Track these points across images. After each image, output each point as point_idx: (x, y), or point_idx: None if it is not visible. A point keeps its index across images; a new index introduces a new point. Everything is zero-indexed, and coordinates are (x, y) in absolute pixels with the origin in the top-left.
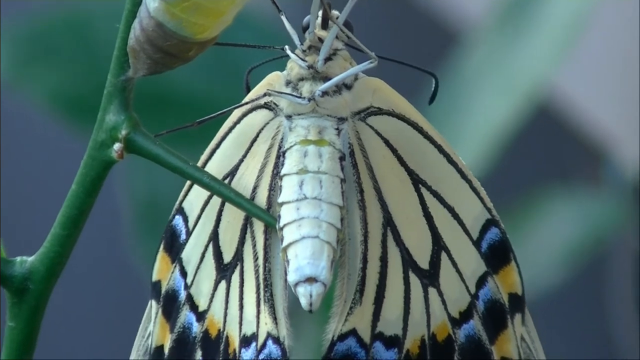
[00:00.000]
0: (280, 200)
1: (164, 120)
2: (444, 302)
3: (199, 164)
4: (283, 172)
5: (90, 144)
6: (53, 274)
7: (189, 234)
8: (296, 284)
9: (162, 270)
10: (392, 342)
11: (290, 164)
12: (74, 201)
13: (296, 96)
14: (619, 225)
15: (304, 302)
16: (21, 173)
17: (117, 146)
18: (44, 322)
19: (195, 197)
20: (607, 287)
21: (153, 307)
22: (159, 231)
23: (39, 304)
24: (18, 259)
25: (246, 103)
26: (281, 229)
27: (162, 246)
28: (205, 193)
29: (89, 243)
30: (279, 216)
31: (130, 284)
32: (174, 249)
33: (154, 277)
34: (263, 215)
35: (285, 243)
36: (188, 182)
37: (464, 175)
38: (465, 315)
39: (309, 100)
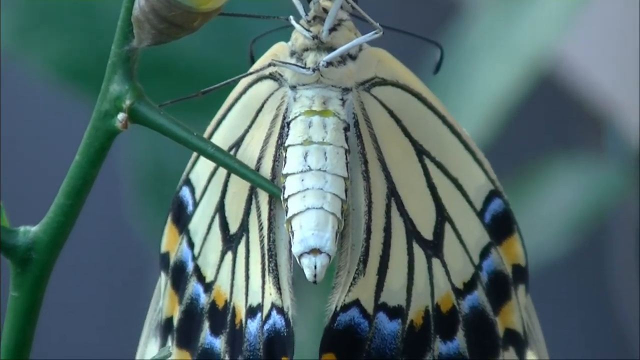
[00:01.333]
0: (284, 171)
1: (169, 90)
2: (447, 273)
3: (206, 134)
4: (287, 143)
5: (94, 114)
6: (57, 244)
7: (196, 205)
8: (301, 255)
9: (170, 241)
10: (396, 312)
11: (294, 134)
12: (77, 171)
13: (300, 66)
14: (622, 194)
15: (308, 273)
16: (24, 142)
17: (121, 116)
18: (47, 293)
19: (202, 168)
20: (609, 256)
21: (162, 279)
22: (162, 201)
23: (42, 274)
24: (21, 228)
25: (251, 73)
26: (286, 200)
27: (169, 217)
28: (211, 164)
29: (92, 213)
30: (284, 187)
31: (133, 255)
32: (182, 220)
33: (163, 249)
34: (267, 186)
35: (289, 214)
36: (195, 153)
37: (467, 146)
38: (469, 286)
39: (314, 70)
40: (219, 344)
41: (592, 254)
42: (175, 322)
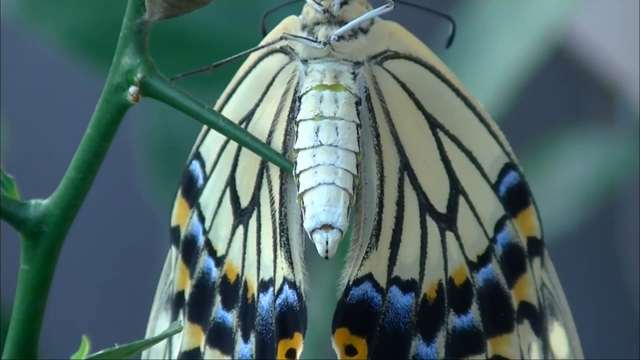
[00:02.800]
0: (296, 146)
1: (180, 64)
2: (461, 246)
3: (216, 108)
4: (299, 117)
5: (105, 87)
6: (67, 217)
7: (206, 179)
8: (312, 231)
9: (180, 215)
10: (409, 286)
11: (306, 109)
12: (89, 144)
13: (312, 40)
14: (633, 166)
15: (320, 248)
16: (36, 116)
17: (132, 89)
18: (58, 266)
19: (212, 142)
20: (620, 229)
21: (173, 253)
22: (174, 174)
23: (53, 248)
24: (32, 202)
25: (262, 47)
26: (297, 175)
27: (179, 191)
28: (221, 138)
29: (103, 186)
30: (295, 162)
31: (145, 228)
32: (192, 194)
33: (173, 223)
34: (279, 160)
35: (301, 190)
36: (205, 127)
37: (482, 119)
38: (484, 259)
39: (325, 44)
40: (231, 318)
41: (603, 227)
42: (187, 296)
